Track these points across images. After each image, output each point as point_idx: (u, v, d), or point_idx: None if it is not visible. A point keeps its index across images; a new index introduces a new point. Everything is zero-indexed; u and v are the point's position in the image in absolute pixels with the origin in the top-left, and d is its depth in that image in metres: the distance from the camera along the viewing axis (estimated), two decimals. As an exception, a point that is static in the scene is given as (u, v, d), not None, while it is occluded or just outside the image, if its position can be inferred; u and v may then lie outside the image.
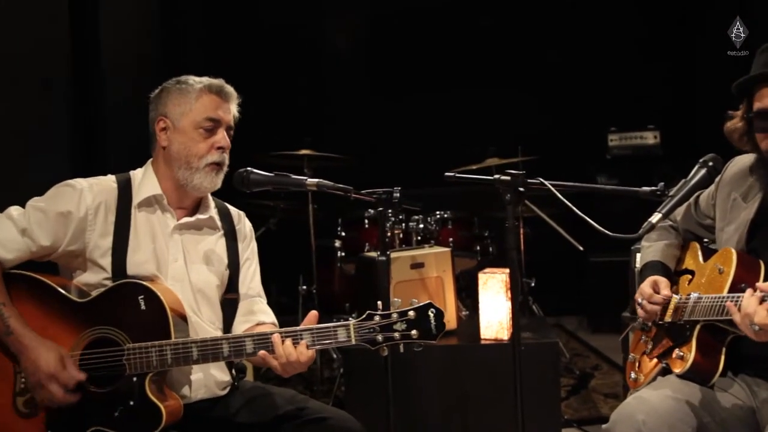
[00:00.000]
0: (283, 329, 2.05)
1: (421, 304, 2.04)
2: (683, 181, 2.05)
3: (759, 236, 2.14)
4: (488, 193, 2.33)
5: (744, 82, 2.09)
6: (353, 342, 2.01)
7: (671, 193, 2.02)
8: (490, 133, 5.65)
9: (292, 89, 6.24)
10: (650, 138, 5.84)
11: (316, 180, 2.19)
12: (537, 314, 5.07)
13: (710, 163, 2.04)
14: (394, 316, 2.02)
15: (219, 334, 2.25)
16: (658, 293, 2.27)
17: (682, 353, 2.13)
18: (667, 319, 2.26)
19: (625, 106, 6.02)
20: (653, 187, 2.06)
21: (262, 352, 2.01)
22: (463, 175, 2.39)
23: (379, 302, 2.05)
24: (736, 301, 1.92)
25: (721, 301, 1.99)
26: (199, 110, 2.21)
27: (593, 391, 4.49)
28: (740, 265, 2.07)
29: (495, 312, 3.47)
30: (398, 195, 2.59)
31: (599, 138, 5.97)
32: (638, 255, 3.23)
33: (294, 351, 2.00)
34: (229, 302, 2.30)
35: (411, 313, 2.02)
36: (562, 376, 4.67)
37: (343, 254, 4.60)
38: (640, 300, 2.29)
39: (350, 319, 2.09)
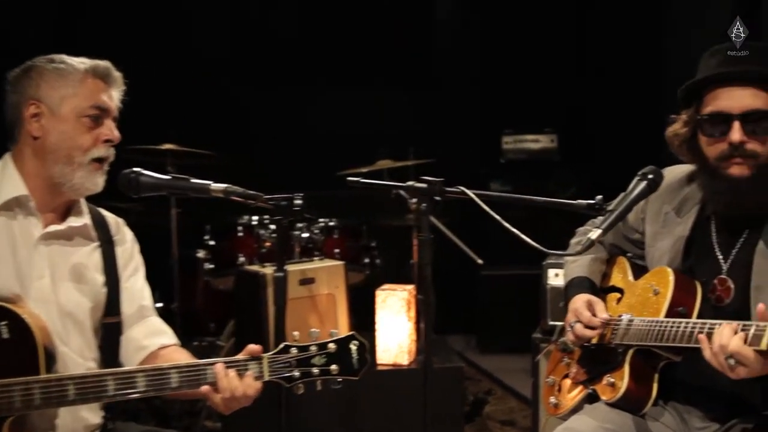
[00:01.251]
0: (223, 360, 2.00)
1: (343, 336, 2.07)
2: (622, 194, 2.14)
3: (694, 254, 2.27)
4: (376, 198, 2.36)
5: (695, 83, 2.19)
6: (266, 378, 2.00)
7: (610, 208, 2.10)
8: (379, 133, 5.74)
9: (154, 72, 6.01)
10: (547, 141, 6.15)
11: (223, 185, 2.14)
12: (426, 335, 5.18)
13: (650, 176, 2.13)
14: (313, 349, 2.03)
15: (91, 366, 2.16)
16: (594, 315, 2.35)
17: (612, 380, 2.24)
18: (594, 340, 2.36)
19: (521, 106, 6.29)
20: (591, 201, 2.15)
21: (205, 387, 1.96)
22: (370, 180, 2.40)
23: (296, 333, 2.04)
24: (703, 330, 1.97)
25: (660, 326, 2.11)
26: (84, 96, 2.11)
27: (488, 418, 4.66)
28: (677, 286, 2.19)
29: (394, 334, 3.54)
30: (300, 202, 2.59)
31: (493, 141, 6.22)
32: (551, 271, 3.46)
33: (240, 384, 1.96)
34: (110, 327, 2.20)
35: (331, 345, 2.04)
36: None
37: (210, 266, 4.50)
38: (573, 322, 2.36)
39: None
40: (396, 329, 3.54)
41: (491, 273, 5.77)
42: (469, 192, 2.19)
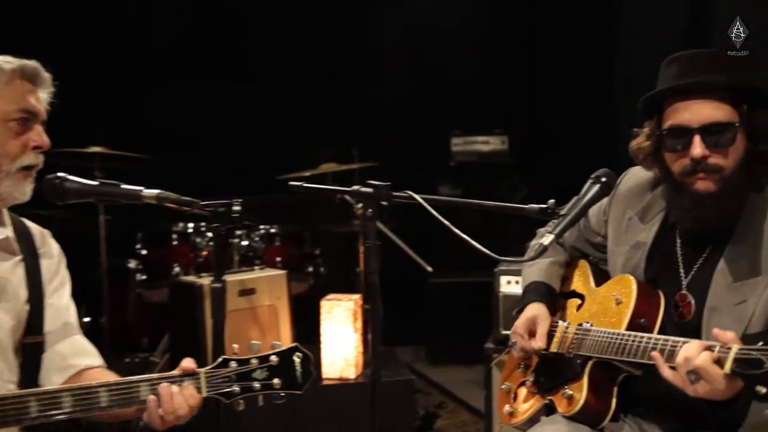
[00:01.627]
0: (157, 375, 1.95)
1: (286, 347, 2.04)
2: (575, 198, 2.14)
3: (658, 263, 2.28)
4: (320, 203, 2.35)
5: (654, 96, 2.20)
6: (204, 394, 1.96)
7: (563, 212, 2.10)
8: (323, 134, 5.71)
9: (79, 69, 5.86)
10: (497, 143, 6.18)
11: (156, 191, 2.08)
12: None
13: (603, 179, 2.14)
14: (254, 361, 2.00)
15: (11, 388, 2.08)
16: (534, 334, 2.36)
17: (571, 392, 2.24)
18: (553, 348, 2.37)
19: (470, 106, 6.31)
20: (542, 205, 2.16)
21: (152, 397, 1.92)
22: (312, 185, 2.38)
23: (235, 345, 2.00)
24: (665, 347, 1.96)
25: (621, 339, 2.12)
26: (10, 98, 2.03)
27: (440, 432, 4.67)
28: (640, 296, 2.20)
29: (340, 346, 3.52)
30: (239, 208, 2.56)
31: (442, 142, 6.24)
32: (503, 278, 3.48)
33: (183, 401, 1.93)
34: (32, 347, 2.13)
35: (273, 358, 2.02)
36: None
37: (143, 277, 4.42)
38: (513, 339, 2.39)
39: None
40: (342, 341, 3.52)
41: (441, 280, 5.75)
42: (416, 196, 2.18)
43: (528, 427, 2.39)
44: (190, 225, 4.32)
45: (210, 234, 4.20)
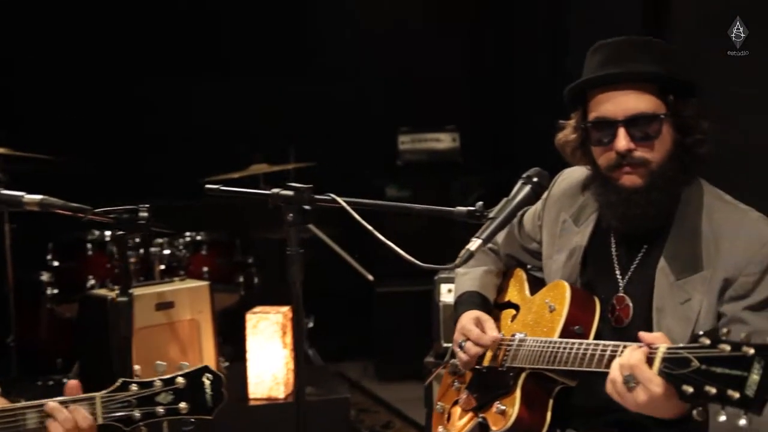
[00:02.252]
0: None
1: (194, 368, 2.01)
2: (505, 200, 2.15)
3: (593, 266, 2.29)
4: (251, 208, 2.33)
5: (577, 87, 2.21)
6: (99, 421, 1.93)
7: (492, 215, 2.11)
8: (255, 133, 5.66)
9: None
10: (448, 141, 6.18)
11: (39, 197, 2.06)
12: (314, 362, 5.15)
13: (535, 179, 2.15)
14: (158, 384, 1.96)
15: None
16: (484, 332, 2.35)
17: (503, 407, 2.24)
18: (486, 363, 2.37)
19: (419, 102, 6.30)
20: (471, 208, 2.14)
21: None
22: (230, 188, 2.36)
23: (137, 366, 1.98)
24: (605, 353, 1.95)
25: (553, 347, 2.12)
26: None
27: (385, 455, 4.67)
28: (574, 302, 2.21)
29: (268, 363, 3.50)
30: (145, 214, 2.54)
31: (388, 140, 6.23)
32: (443, 286, 3.48)
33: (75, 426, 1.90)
34: None
35: (180, 380, 1.98)
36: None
37: (55, 291, 4.35)
38: (461, 341, 2.36)
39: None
40: (270, 357, 3.49)
41: (388, 290, 5.72)
42: (339, 199, 2.18)
43: None
44: (107, 233, 4.25)
45: (129, 243, 4.13)
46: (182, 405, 1.96)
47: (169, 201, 4.28)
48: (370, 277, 4.68)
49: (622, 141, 2.08)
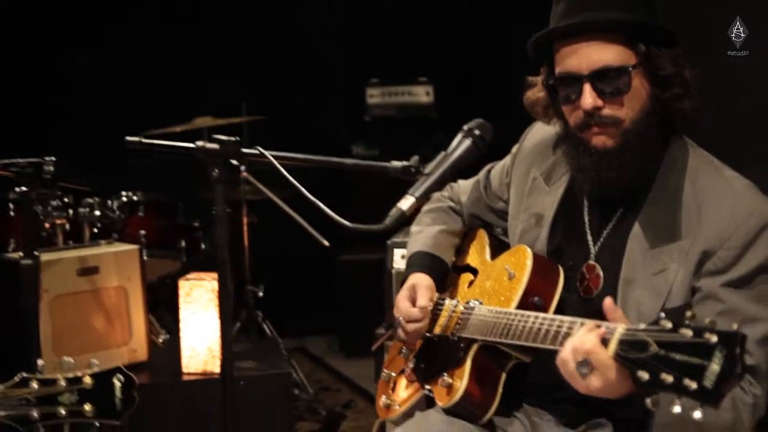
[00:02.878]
0: None
1: (104, 369, 2.01)
2: (443, 154, 2.13)
3: (562, 231, 2.26)
4: (198, 166, 2.31)
5: (539, 39, 2.14)
6: None
7: (427, 171, 2.10)
8: (200, 84, 5.59)
9: None
10: (422, 94, 6.11)
11: None
12: (270, 335, 5.13)
13: (476, 132, 2.13)
14: (61, 382, 1.95)
15: None
16: (415, 301, 2.34)
17: (450, 380, 2.22)
18: (437, 331, 2.35)
19: (390, 52, 6.20)
20: (406, 163, 2.13)
21: None
22: (151, 141, 2.34)
23: (40, 361, 1.98)
24: (561, 329, 1.93)
25: (507, 319, 2.09)
26: None
27: (344, 438, 4.66)
28: (535, 271, 2.18)
29: (203, 335, 3.45)
30: (51, 168, 2.50)
31: (355, 93, 6.14)
32: (396, 251, 3.43)
33: None
34: None
35: (87, 380, 1.98)
36: (303, 420, 4.77)
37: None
38: (399, 319, 2.36)
39: None
40: (205, 328, 3.45)
41: (352, 258, 5.71)
42: (267, 154, 2.17)
43: (403, 422, 2.37)
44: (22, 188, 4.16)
45: (55, 202, 4.06)
46: (87, 407, 1.97)
47: (107, 158, 4.23)
48: (326, 243, 4.60)
49: (588, 98, 2.02)
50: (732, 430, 1.89)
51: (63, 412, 1.95)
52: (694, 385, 1.47)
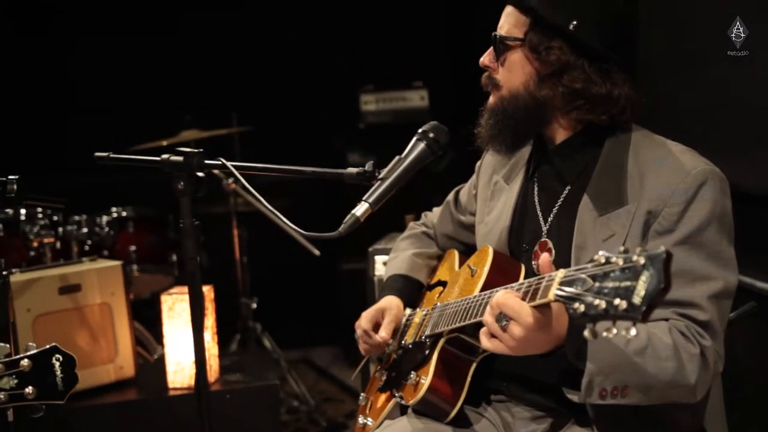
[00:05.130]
0: None
1: (40, 349, 2.01)
2: (396, 158, 2.18)
3: (519, 218, 2.32)
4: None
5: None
6: None
7: (382, 176, 2.14)
8: (188, 94, 5.60)
9: None
10: (416, 99, 6.10)
11: None
12: (270, 349, 5.13)
13: (430, 135, 2.19)
14: None
15: None
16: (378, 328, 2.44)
17: (417, 378, 2.25)
18: (409, 340, 2.41)
19: (384, 57, 6.22)
20: (360, 168, 2.16)
21: None
22: (119, 156, 2.39)
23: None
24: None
25: (466, 304, 2.15)
26: None
27: (345, 449, 4.66)
28: (495, 264, 2.24)
29: (188, 349, 3.45)
30: (14, 187, 2.53)
31: (350, 100, 6.15)
32: (377, 258, 3.45)
33: None
34: None
35: (24, 362, 1.99)
36: (304, 431, 4.79)
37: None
38: (360, 333, 2.48)
39: None
40: (189, 342, 3.44)
41: (352, 267, 5.69)
42: (228, 164, 2.20)
43: None
44: (22, 212, 4.20)
45: (44, 221, 4.10)
46: (28, 390, 1.98)
47: (94, 175, 4.26)
48: (316, 252, 4.63)
49: (484, 56, 2.24)
50: (676, 379, 1.93)
51: (3, 397, 1.97)
52: (624, 304, 1.52)
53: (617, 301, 1.52)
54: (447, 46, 6.43)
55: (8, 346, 2.03)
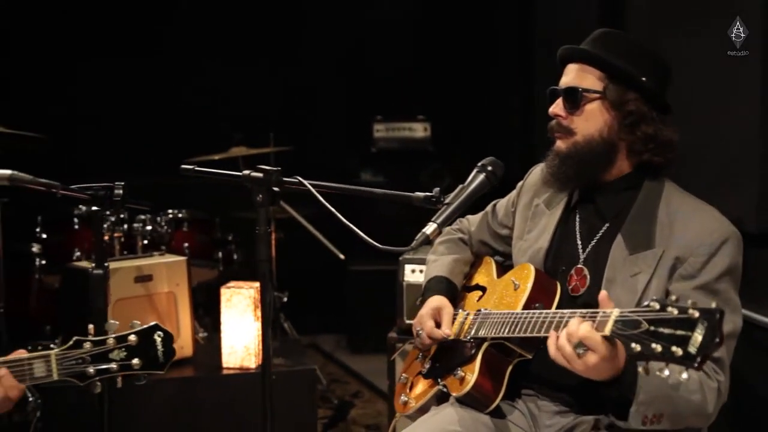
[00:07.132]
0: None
1: (145, 326, 2.01)
2: (460, 187, 2.16)
3: (559, 241, 2.31)
4: (233, 188, 2.33)
5: (558, 59, 2.27)
6: (55, 377, 1.94)
7: (447, 201, 2.13)
8: (236, 116, 5.57)
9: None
10: (420, 130, 6.15)
11: (8, 172, 2.02)
12: (290, 335, 5.12)
13: (489, 168, 2.17)
14: (110, 341, 1.96)
15: None
16: (439, 323, 2.37)
17: (463, 373, 2.25)
18: (451, 336, 2.37)
19: (393, 92, 6.25)
20: (428, 193, 2.16)
21: None
22: (204, 169, 2.36)
23: (91, 326, 1.98)
24: (554, 319, 1.99)
25: (515, 317, 2.13)
26: None
27: (353, 422, 4.63)
28: (537, 282, 2.22)
29: (241, 335, 3.44)
30: (121, 192, 2.51)
31: (363, 128, 6.16)
32: (407, 267, 3.44)
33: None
34: None
35: (132, 337, 1.99)
36: (318, 407, 4.77)
37: (43, 262, 4.30)
38: (419, 329, 2.39)
39: (52, 347, 1.98)
40: (242, 330, 3.43)
41: (361, 268, 5.74)
42: (306, 182, 2.19)
43: (420, 416, 2.39)
44: (94, 208, 4.16)
45: (113, 218, 4.06)
46: (135, 361, 1.98)
47: (155, 179, 4.23)
48: (342, 256, 4.63)
49: (554, 106, 2.21)
50: (699, 409, 1.96)
51: (114, 367, 1.96)
52: (680, 352, 1.53)
53: (674, 348, 1.54)
54: (447, 87, 6.46)
55: (118, 323, 2.00)
